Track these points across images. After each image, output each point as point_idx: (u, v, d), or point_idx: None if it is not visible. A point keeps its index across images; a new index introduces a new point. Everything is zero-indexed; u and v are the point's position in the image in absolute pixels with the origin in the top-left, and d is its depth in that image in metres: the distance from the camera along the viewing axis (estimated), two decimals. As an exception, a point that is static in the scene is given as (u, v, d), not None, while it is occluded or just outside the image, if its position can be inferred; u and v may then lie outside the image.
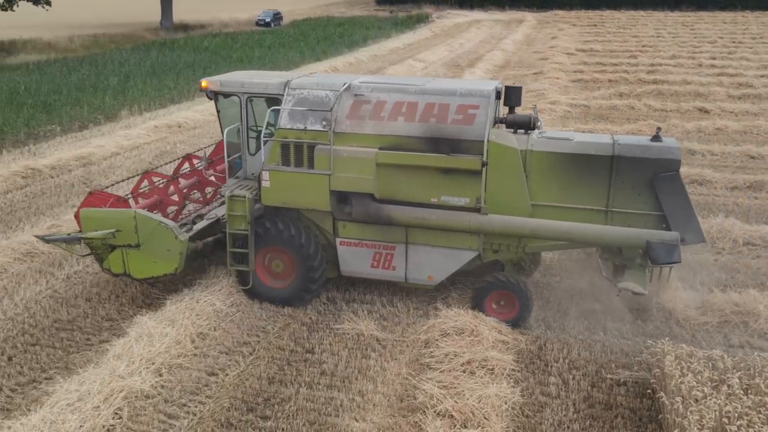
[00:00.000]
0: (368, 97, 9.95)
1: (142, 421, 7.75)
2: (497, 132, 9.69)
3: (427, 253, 10.11)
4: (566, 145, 9.62)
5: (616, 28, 57.89)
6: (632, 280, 9.37)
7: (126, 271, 10.19)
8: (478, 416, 7.45)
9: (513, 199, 9.65)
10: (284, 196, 10.20)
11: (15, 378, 8.66)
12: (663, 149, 9.38)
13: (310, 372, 8.79)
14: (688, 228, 9.31)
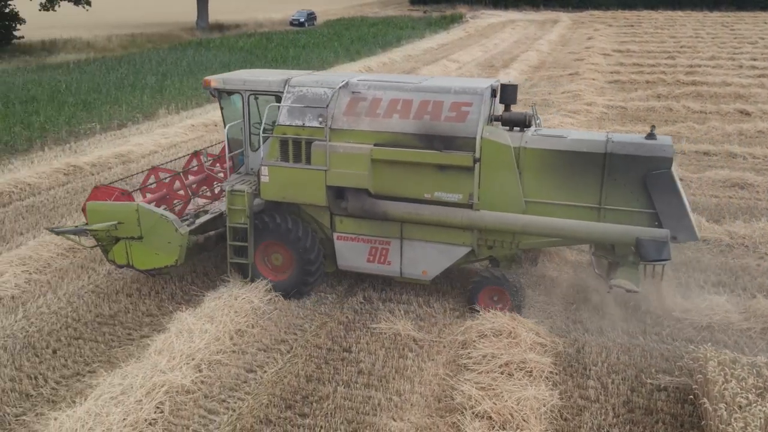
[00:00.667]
0: (365, 95, 10.13)
1: (183, 416, 7.85)
2: (491, 129, 9.78)
3: (422, 249, 10.28)
4: (559, 142, 9.68)
5: (653, 29, 57.13)
6: (624, 277, 9.44)
7: (129, 262, 10.49)
8: (516, 418, 7.41)
9: (506, 196, 9.76)
10: (282, 192, 10.41)
11: (60, 370, 8.84)
12: (655, 147, 9.37)
13: (347, 371, 8.83)
14: (681, 226, 9.30)
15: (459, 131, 9.57)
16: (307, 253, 10.45)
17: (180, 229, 10.13)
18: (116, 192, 10.89)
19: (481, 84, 10.00)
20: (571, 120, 23.49)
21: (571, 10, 78.86)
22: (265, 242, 10.64)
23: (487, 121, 9.85)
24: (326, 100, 10.06)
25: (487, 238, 10.15)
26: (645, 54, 40.76)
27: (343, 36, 51.51)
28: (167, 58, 38.45)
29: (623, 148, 9.38)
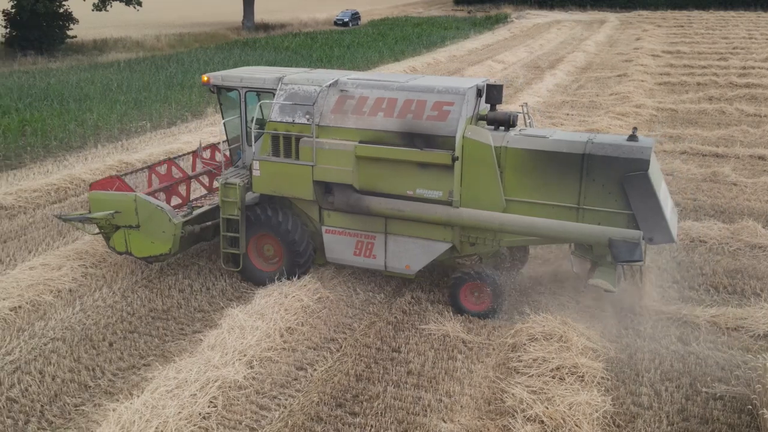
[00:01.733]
0: (352, 93, 10.39)
1: (236, 411, 7.97)
2: (474, 128, 9.96)
3: (405, 244, 10.54)
4: (540, 142, 9.78)
5: (704, 29, 55.94)
6: (602, 277, 9.54)
7: (128, 249, 11.00)
8: (569, 423, 7.34)
9: (487, 194, 9.93)
10: (272, 185, 10.77)
11: (116, 363, 9.05)
12: (634, 149, 9.38)
13: (396, 371, 8.86)
14: (657, 228, 9.31)
15: (440, 130, 9.77)
16: (295, 246, 10.84)
17: (174, 219, 10.58)
18: (117, 182, 11.48)
19: (465, 84, 10.19)
20: (619, 122, 23.16)
21: (619, 10, 77.70)
22: (257, 234, 11.06)
23: (471, 121, 10.09)
24: (314, 98, 10.34)
25: (470, 235, 10.33)
26: (696, 55, 39.94)
27: (388, 36, 51.59)
28: (214, 57, 39.00)
29: (601, 149, 9.46)
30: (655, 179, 9.45)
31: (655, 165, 9.77)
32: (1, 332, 9.68)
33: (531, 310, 9.94)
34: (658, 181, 9.59)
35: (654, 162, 9.71)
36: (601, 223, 9.49)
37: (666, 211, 9.41)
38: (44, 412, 7.98)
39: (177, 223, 10.57)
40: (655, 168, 9.79)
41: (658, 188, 9.45)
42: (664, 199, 9.66)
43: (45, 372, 8.76)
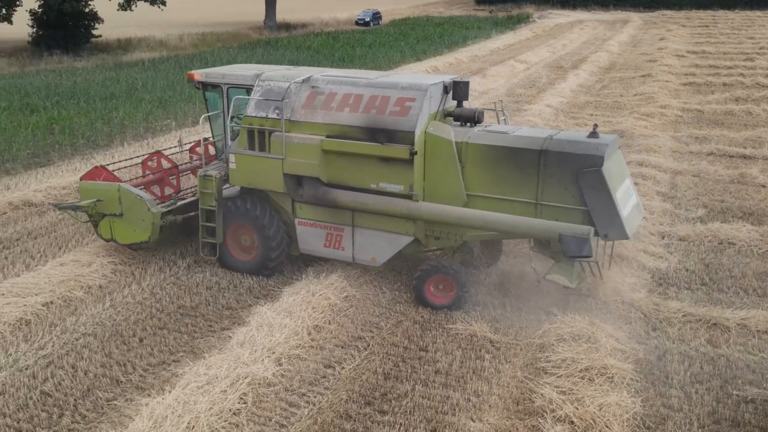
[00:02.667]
0: (322, 89, 10.71)
1: (265, 408, 8.03)
2: (436, 124, 10.18)
3: (370, 236, 10.81)
4: (500, 138, 9.95)
5: (729, 29, 55.29)
6: (560, 273, 9.67)
7: (113, 236, 11.60)
8: (599, 424, 7.32)
9: (449, 189, 10.13)
10: (247, 178, 11.17)
11: (146, 359, 9.15)
12: (589, 145, 9.45)
13: (424, 370, 8.87)
14: (611, 224, 9.31)
15: (400, 125, 9.98)
16: (270, 240, 11.21)
17: (152, 208, 11.12)
18: (104, 173, 12.12)
19: (429, 80, 10.40)
20: (644, 123, 23.01)
21: (642, 9, 77.03)
22: (235, 224, 11.45)
23: (435, 117, 10.30)
24: (286, 94, 10.71)
25: (434, 230, 10.45)
26: (721, 55, 39.49)
27: (409, 36, 51.57)
28: (237, 56, 39.22)
29: (558, 145, 9.54)
30: (614, 176, 9.47)
31: (616, 162, 9.81)
32: (34, 327, 9.83)
33: (558, 311, 9.91)
34: (617, 178, 9.62)
35: (615, 159, 9.80)
36: (558, 219, 9.53)
37: (621, 207, 9.40)
38: (77, 407, 8.09)
39: (155, 212, 11.10)
40: (616, 165, 9.83)
41: (617, 185, 9.49)
42: (625, 196, 9.69)
43: (77, 367, 8.88)
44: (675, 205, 15.03)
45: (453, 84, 10.53)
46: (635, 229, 9.97)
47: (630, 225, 9.54)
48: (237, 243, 11.66)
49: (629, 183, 10.23)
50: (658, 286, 11.28)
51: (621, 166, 10.12)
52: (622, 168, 10.20)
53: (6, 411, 7.97)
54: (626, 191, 9.94)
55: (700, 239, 13.05)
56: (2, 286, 10.75)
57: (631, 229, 9.52)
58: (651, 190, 15.83)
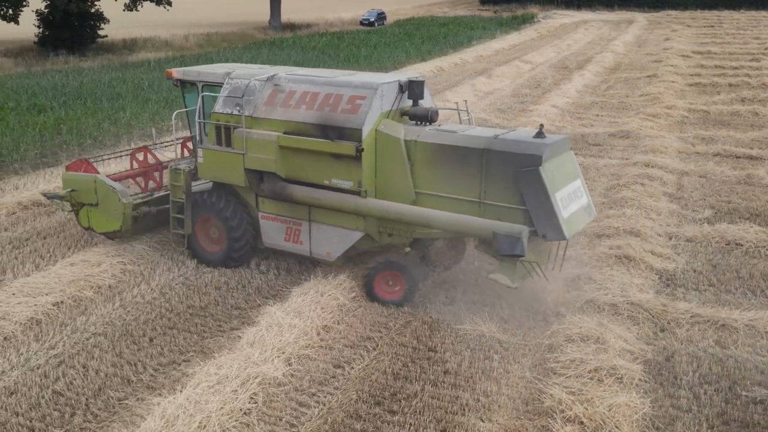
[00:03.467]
0: (283, 87, 11.09)
1: (276, 407, 8.07)
2: (388, 122, 10.39)
3: (325, 231, 11.12)
4: (447, 137, 10.09)
5: (735, 30, 55.25)
6: (502, 272, 9.71)
7: (90, 225, 12.22)
8: (609, 424, 7.35)
9: (398, 186, 10.33)
10: (213, 172, 11.63)
11: (157, 358, 9.20)
12: (529, 145, 9.50)
13: (433, 370, 8.90)
14: (549, 225, 9.32)
15: (349, 122, 10.25)
16: (234, 231, 11.60)
17: (123, 199, 11.71)
18: (84, 165, 12.78)
19: (381, 79, 10.68)
20: (651, 123, 23.04)
21: (647, 10, 76.94)
22: (203, 216, 11.90)
23: (389, 115, 10.52)
24: (250, 92, 11.12)
25: (386, 226, 10.62)
26: (727, 56, 39.46)
27: (414, 36, 51.60)
28: (242, 56, 39.28)
29: (500, 145, 9.64)
30: (556, 176, 9.49)
31: (562, 163, 9.82)
32: (45, 327, 9.89)
33: (567, 311, 9.94)
34: (561, 179, 9.63)
35: (561, 160, 9.81)
36: (501, 218, 9.58)
37: (561, 208, 9.37)
38: (89, 406, 8.14)
39: (125, 202, 11.69)
40: (562, 166, 9.81)
41: (559, 185, 9.51)
42: (570, 197, 9.70)
43: (88, 366, 8.93)
44: (682, 206, 15.05)
45: (408, 83, 10.69)
46: (578, 230, 9.93)
47: (570, 226, 9.49)
48: (206, 235, 12.06)
49: (579, 185, 10.16)
50: (666, 287, 11.30)
51: (569, 168, 10.07)
52: (571, 169, 10.13)
53: (18, 410, 8.02)
54: (574, 193, 9.91)
55: (708, 240, 13.05)
56: (13, 285, 10.82)
57: (571, 230, 9.48)
58: (657, 190, 15.85)
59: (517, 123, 23.33)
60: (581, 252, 12.48)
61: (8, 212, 14.14)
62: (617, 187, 16.21)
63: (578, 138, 21.64)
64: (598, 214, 14.45)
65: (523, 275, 9.86)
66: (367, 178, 10.36)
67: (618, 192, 15.77)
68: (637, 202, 14.79)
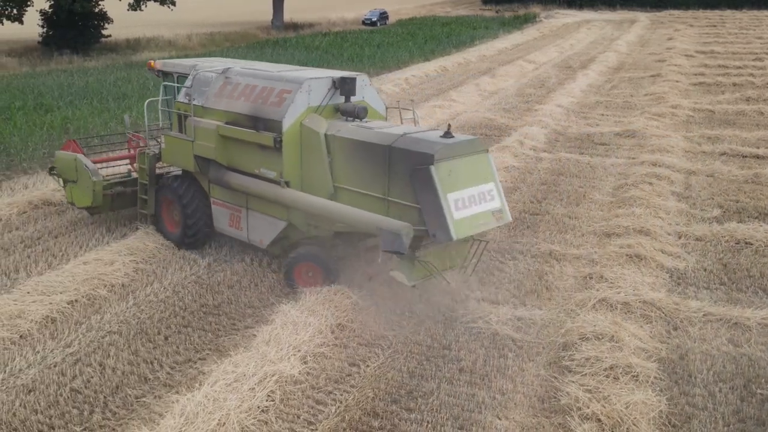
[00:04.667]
0: (232, 80, 11.68)
1: (293, 405, 8.11)
2: (313, 117, 10.75)
3: (258, 219, 11.59)
4: (361, 132, 10.28)
5: (737, 29, 55.25)
6: (400, 270, 9.72)
7: (72, 199, 13.27)
8: (626, 422, 7.38)
9: (318, 180, 10.66)
10: (172, 157, 12.43)
11: (173, 356, 9.23)
12: (426, 144, 9.53)
13: (448, 368, 8.93)
14: (438, 224, 9.30)
15: (273, 115, 10.68)
16: (188, 217, 12.23)
17: (93, 177, 12.70)
18: (72, 145, 13.67)
19: (311, 75, 11.18)
20: (656, 123, 23.05)
21: (649, 9, 76.94)
22: (165, 198, 12.62)
23: (318, 110, 10.85)
24: (206, 83, 11.84)
25: (311, 218, 10.90)
26: (730, 55, 39.49)
27: (417, 35, 51.62)
28: (246, 56, 39.30)
29: (403, 142, 9.71)
30: (454, 177, 9.40)
31: (466, 164, 9.65)
32: (60, 325, 9.93)
33: (581, 309, 9.97)
34: (461, 180, 9.49)
35: (466, 161, 9.64)
36: (402, 216, 9.62)
37: (452, 208, 9.25)
38: (107, 403, 8.18)
39: (95, 180, 12.69)
40: (466, 167, 9.64)
41: (456, 186, 9.39)
42: (471, 200, 9.55)
43: (105, 364, 8.97)
44: (690, 205, 15.07)
45: (340, 80, 10.93)
46: (476, 233, 9.75)
47: (462, 228, 9.35)
48: (170, 216, 12.74)
49: (491, 188, 9.90)
50: (677, 285, 11.33)
51: (479, 170, 9.85)
52: (481, 172, 9.89)
53: (37, 407, 8.06)
54: (480, 195, 9.71)
55: (717, 239, 13.08)
56: (27, 284, 10.85)
57: (461, 232, 9.33)
58: (665, 190, 15.88)
59: (522, 122, 23.36)
60: (591, 251, 12.53)
61: (19, 211, 14.17)
62: (625, 186, 16.24)
63: (584, 137, 21.70)
64: (606, 213, 14.58)
65: (423, 275, 9.81)
66: (288, 170, 10.71)
67: (626, 191, 15.79)
68: (646, 201, 14.81)
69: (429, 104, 26.52)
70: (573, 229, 13.82)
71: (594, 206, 15.18)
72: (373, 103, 11.67)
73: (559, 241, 13.16)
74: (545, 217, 14.50)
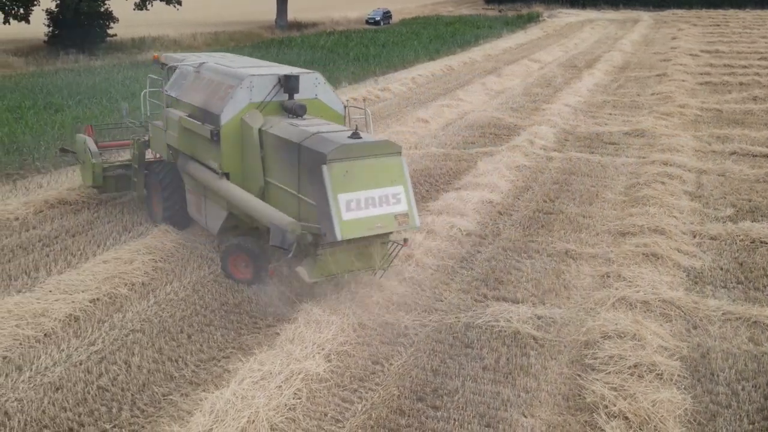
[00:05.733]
0: (201, 74, 12.35)
1: (320, 403, 8.16)
2: (252, 112, 11.15)
3: (210, 207, 12.14)
4: (284, 129, 10.65)
5: (741, 28, 55.27)
6: (304, 266, 9.98)
7: (83, 178, 14.66)
8: (654, 420, 7.44)
9: (252, 173, 11.14)
10: (155, 145, 13.42)
11: (197, 354, 9.27)
12: (324, 143, 9.71)
13: (472, 366, 8.98)
14: (327, 223, 9.47)
15: (215, 108, 11.23)
16: (166, 200, 13.06)
17: (93, 159, 13.96)
18: (89, 129, 14.98)
19: (255, 72, 11.59)
20: (665, 122, 23.08)
21: (653, 9, 76.94)
22: (154, 182, 13.40)
23: (261, 106, 11.25)
24: (184, 76, 12.61)
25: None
26: (735, 55, 39.51)
27: (422, 35, 51.59)
28: (252, 55, 39.12)
29: (309, 141, 9.95)
30: (352, 178, 9.49)
31: (373, 166, 9.69)
32: (83, 323, 9.97)
33: (601, 308, 10.02)
34: (360, 181, 9.55)
35: (372, 163, 9.68)
36: (309, 213, 9.85)
37: (342, 209, 9.37)
38: (135, 401, 8.22)
39: (95, 162, 13.96)
40: (371, 169, 9.68)
41: (354, 187, 9.49)
42: (371, 201, 9.61)
43: (130, 362, 9.02)
44: (703, 204, 15.11)
45: (284, 78, 11.27)
46: (367, 235, 9.78)
47: (350, 229, 9.45)
48: (156, 198, 13.51)
49: (397, 192, 9.87)
50: (694, 284, 11.37)
51: (384, 173, 9.80)
52: (387, 174, 9.83)
53: (66, 405, 8.11)
54: (381, 198, 9.73)
55: (732, 238, 13.12)
56: (49, 282, 10.91)
57: (348, 233, 9.45)
58: (678, 189, 15.92)
59: (531, 122, 23.40)
60: (607, 250, 12.58)
61: (35, 210, 14.21)
62: (637, 185, 16.29)
63: (594, 137, 21.74)
64: (620, 212, 14.62)
65: (325, 273, 9.94)
66: (226, 162, 11.22)
67: (639, 190, 15.84)
68: (659, 201, 14.86)
69: (437, 103, 26.56)
70: (587, 228, 13.87)
71: (607, 205, 15.23)
72: (329, 102, 11.90)
73: (574, 240, 13.21)
74: (559, 216, 14.54)
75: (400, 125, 22.88)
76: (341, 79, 31.52)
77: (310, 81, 11.60)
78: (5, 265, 11.82)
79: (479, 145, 20.72)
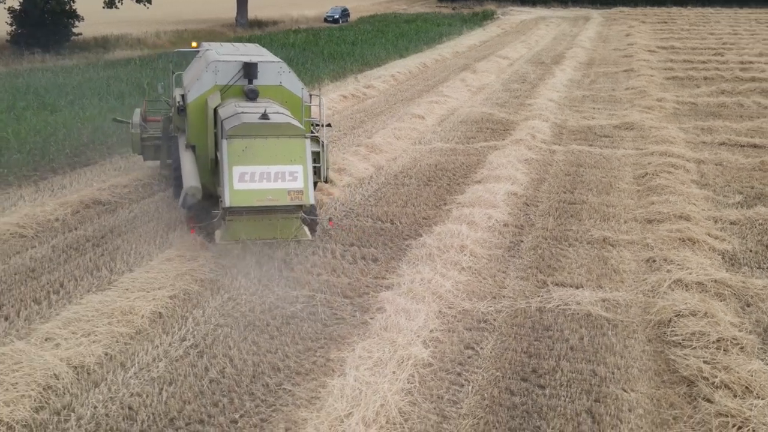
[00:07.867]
0: (198, 60, 13.60)
1: (432, 386, 8.51)
2: (215, 94, 12.18)
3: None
4: (225, 109, 11.74)
5: (687, 25, 57.69)
6: (220, 228, 11.31)
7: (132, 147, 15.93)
8: (755, 387, 8.05)
9: (209, 147, 12.17)
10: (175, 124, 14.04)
11: (293, 346, 9.44)
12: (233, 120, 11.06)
13: (559, 347, 9.46)
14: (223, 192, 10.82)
15: (186, 89, 12.66)
16: (175, 171, 13.50)
17: (132, 129, 15.43)
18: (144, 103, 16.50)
19: (224, 58, 12.42)
20: (648, 115, 24.13)
21: (599, 6, 79.30)
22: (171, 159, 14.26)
23: (225, 89, 12.22)
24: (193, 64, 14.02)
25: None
26: (690, 51, 41.35)
27: (387, 32, 52.03)
28: (223, 54, 38.98)
29: (229, 120, 11.15)
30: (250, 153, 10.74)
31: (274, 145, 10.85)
32: (168, 319, 10.04)
33: (669, 289, 10.64)
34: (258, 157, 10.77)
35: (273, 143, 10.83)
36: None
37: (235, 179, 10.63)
38: (253, 392, 8.38)
39: (132, 132, 15.38)
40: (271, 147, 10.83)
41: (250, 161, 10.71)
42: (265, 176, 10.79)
43: (230, 356, 9.15)
44: (712, 192, 15.99)
45: (244, 65, 12.18)
46: (255, 206, 10.81)
47: (239, 198, 10.65)
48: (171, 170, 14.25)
49: (294, 170, 10.93)
50: (731, 266, 12.13)
51: (284, 151, 10.92)
52: (287, 153, 10.93)
53: (186, 398, 8.22)
54: (275, 174, 10.85)
55: (751, 223, 13.98)
56: (122, 281, 10.91)
57: (237, 201, 10.64)
58: (686, 178, 16.79)
59: (522, 117, 24.12)
60: (642, 236, 13.25)
61: (73, 211, 14.03)
62: (647, 175, 17.10)
63: (586, 130, 22.58)
64: (637, 201, 15.36)
65: (234, 238, 11.08)
66: (191, 135, 12.32)
67: (650, 180, 16.65)
68: (673, 189, 15.67)
69: (425, 100, 27.03)
70: (614, 216, 14.55)
71: (624, 195, 15.96)
72: (293, 89, 12.65)
73: (606, 228, 13.85)
74: (584, 206, 15.18)
75: (397, 121, 23.24)
76: (323, 77, 31.63)
77: (274, 69, 12.49)
78: (64, 266, 11.73)
79: (481, 140, 21.28)
